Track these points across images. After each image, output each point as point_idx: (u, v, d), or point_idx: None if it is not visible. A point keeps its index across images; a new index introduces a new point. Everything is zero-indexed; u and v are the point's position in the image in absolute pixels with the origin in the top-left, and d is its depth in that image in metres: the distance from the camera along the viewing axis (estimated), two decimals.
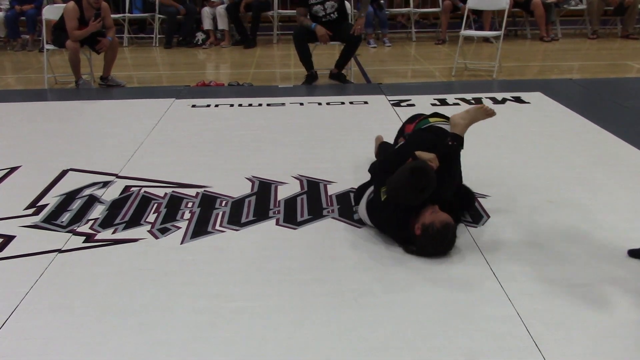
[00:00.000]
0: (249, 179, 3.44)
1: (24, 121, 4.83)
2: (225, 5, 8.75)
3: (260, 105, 5.19)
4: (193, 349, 1.99)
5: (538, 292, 2.26)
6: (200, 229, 2.85)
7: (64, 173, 3.61)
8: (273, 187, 3.32)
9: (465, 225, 2.80)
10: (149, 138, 4.28)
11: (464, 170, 2.88)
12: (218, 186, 3.34)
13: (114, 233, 2.82)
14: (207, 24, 8.96)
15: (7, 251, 2.67)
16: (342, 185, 3.30)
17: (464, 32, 6.64)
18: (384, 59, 8.10)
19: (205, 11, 8.90)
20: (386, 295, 2.27)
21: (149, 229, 2.85)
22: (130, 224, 2.91)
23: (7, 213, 3.06)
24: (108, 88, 6.19)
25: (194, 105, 5.22)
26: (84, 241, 2.75)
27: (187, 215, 2.99)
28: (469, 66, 6.92)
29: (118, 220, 2.95)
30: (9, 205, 3.15)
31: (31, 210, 3.09)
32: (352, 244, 2.67)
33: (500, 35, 6.41)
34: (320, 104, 5.20)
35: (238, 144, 4.11)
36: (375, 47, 8.69)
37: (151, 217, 2.97)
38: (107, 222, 2.93)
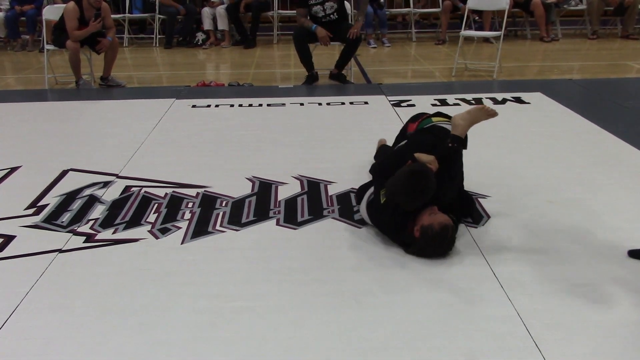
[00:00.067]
0: (249, 179, 3.44)
1: (24, 121, 4.83)
2: (225, 6, 8.75)
3: (261, 105, 5.19)
4: (193, 349, 1.99)
5: (538, 292, 2.26)
6: (200, 229, 2.85)
7: (64, 173, 3.61)
8: (273, 187, 3.32)
9: (466, 225, 2.80)
10: (149, 138, 4.28)
11: (465, 171, 2.88)
12: (218, 186, 3.34)
13: (114, 233, 2.82)
14: (207, 24, 8.96)
15: (7, 251, 2.68)
16: (343, 186, 3.30)
17: (464, 33, 6.64)
18: (384, 59, 8.10)
19: (205, 11, 8.91)
20: (386, 296, 2.27)
21: (150, 229, 2.85)
22: (130, 224, 2.91)
23: (7, 213, 3.06)
24: (108, 88, 6.19)
25: (194, 106, 5.22)
26: (84, 241, 2.75)
27: (188, 215, 3.00)
28: (469, 66, 6.92)
29: (118, 221, 2.95)
30: (9, 205, 3.15)
31: (31, 210, 3.09)
32: (353, 244, 2.67)
33: (500, 36, 6.41)
34: (320, 104, 5.20)
35: (238, 144, 4.11)
36: (375, 47, 8.70)
37: (151, 217, 2.97)
38: (108, 222, 2.93)
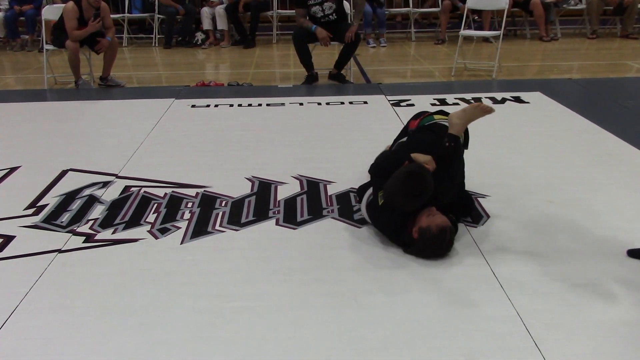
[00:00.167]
0: (249, 179, 3.44)
1: (24, 121, 4.83)
2: (225, 5, 8.75)
3: (260, 105, 5.19)
4: (193, 349, 1.99)
5: (538, 292, 2.26)
6: (200, 229, 2.85)
7: (64, 173, 3.61)
8: (273, 187, 3.32)
9: (466, 225, 2.80)
10: (149, 138, 4.27)
11: (465, 170, 2.88)
12: (218, 186, 3.34)
13: (114, 233, 2.82)
14: (207, 24, 8.96)
15: (7, 251, 2.68)
16: (342, 185, 3.30)
17: (464, 32, 6.64)
18: (384, 59, 8.10)
19: (204, 11, 8.90)
20: (386, 296, 2.27)
21: (149, 229, 2.85)
22: (130, 224, 2.91)
23: (7, 213, 3.06)
24: (108, 88, 6.19)
25: (194, 106, 5.22)
26: (84, 241, 2.75)
27: (187, 215, 2.99)
28: (469, 66, 6.92)
29: (118, 221, 2.95)
30: (9, 205, 3.15)
31: (31, 211, 3.09)
32: (352, 244, 2.67)
33: (499, 35, 6.42)
34: (320, 104, 5.20)
35: (238, 144, 4.11)
36: (374, 47, 8.69)
37: (151, 217, 2.97)
38: (107, 222, 2.93)
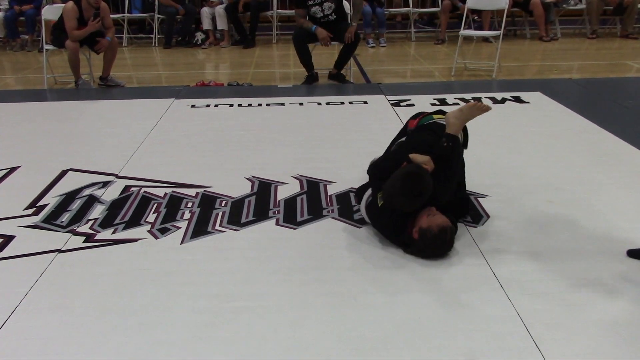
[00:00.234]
0: (249, 179, 3.44)
1: (24, 121, 4.83)
2: (225, 5, 8.75)
3: (260, 105, 5.19)
4: (193, 349, 1.99)
5: (538, 292, 2.26)
6: (200, 229, 2.85)
7: (64, 173, 3.60)
8: (273, 187, 3.32)
9: (466, 225, 2.80)
10: (149, 138, 4.27)
11: (465, 171, 2.88)
12: (218, 186, 3.34)
13: (113, 233, 2.82)
14: (207, 24, 8.96)
15: (7, 251, 2.67)
16: (342, 185, 3.30)
17: (464, 32, 6.65)
18: (383, 59, 8.10)
19: (204, 11, 8.90)
20: (386, 295, 2.27)
21: (149, 229, 2.85)
22: (130, 224, 2.91)
23: (7, 213, 3.06)
24: (107, 88, 6.19)
25: (194, 105, 5.22)
26: (84, 241, 2.75)
27: (187, 215, 2.99)
28: (469, 66, 6.93)
29: (118, 220, 2.95)
30: (9, 205, 3.15)
31: (31, 210, 3.09)
32: (352, 244, 2.67)
33: (499, 35, 6.42)
34: (319, 104, 5.20)
35: (238, 144, 4.11)
36: (373, 47, 8.69)
37: (151, 217, 2.97)
38: (107, 222, 2.93)
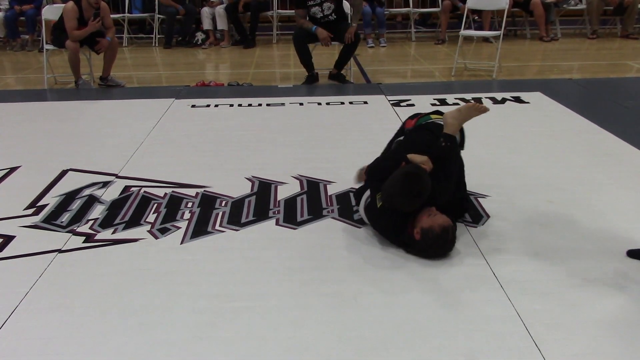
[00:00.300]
0: (249, 179, 3.43)
1: (24, 121, 4.83)
2: (225, 5, 8.75)
3: (260, 105, 5.19)
4: (193, 349, 1.99)
5: (538, 292, 2.26)
6: (200, 229, 2.85)
7: (64, 173, 3.60)
8: (273, 187, 3.32)
9: (465, 225, 2.80)
10: (149, 138, 4.27)
11: (465, 171, 2.87)
12: (218, 186, 3.34)
13: (113, 233, 2.82)
14: (207, 24, 8.96)
15: (7, 251, 2.67)
16: (342, 185, 3.29)
17: (464, 32, 6.64)
18: (384, 59, 8.10)
19: (204, 11, 8.91)
20: (386, 296, 2.27)
21: (149, 229, 2.85)
22: (130, 224, 2.91)
23: (7, 213, 3.06)
24: (108, 88, 6.19)
25: (194, 105, 5.22)
26: (84, 241, 2.75)
27: (187, 215, 2.99)
28: (469, 66, 6.92)
29: (118, 220, 2.95)
30: (9, 205, 3.15)
31: (31, 210, 3.09)
32: (352, 244, 2.67)
33: (499, 35, 6.42)
34: (320, 104, 5.20)
35: (238, 144, 4.10)
36: (372, 47, 8.69)
37: (151, 217, 2.97)
38: (107, 222, 2.93)
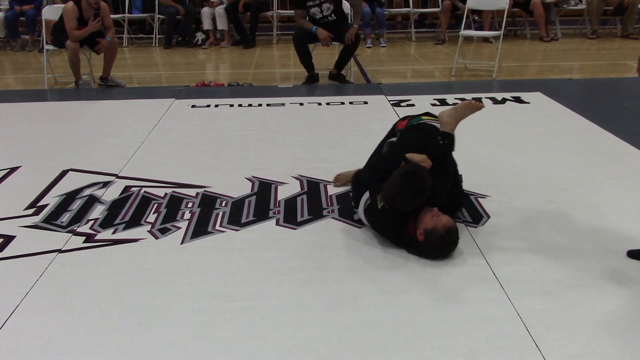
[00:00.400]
0: (249, 179, 3.43)
1: (24, 121, 4.83)
2: (225, 6, 8.75)
3: (260, 105, 5.19)
4: (193, 349, 1.99)
5: (538, 292, 2.26)
6: (200, 229, 2.85)
7: (64, 173, 3.60)
8: (273, 187, 3.32)
9: (465, 225, 2.80)
10: (149, 138, 4.27)
11: (465, 171, 2.88)
12: (218, 186, 3.34)
13: (114, 233, 2.82)
14: (207, 24, 8.96)
15: (7, 251, 2.67)
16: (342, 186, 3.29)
17: (464, 32, 6.65)
18: (384, 59, 8.10)
19: (204, 11, 8.91)
20: (386, 296, 2.27)
21: (149, 229, 2.85)
22: (130, 224, 2.91)
23: (7, 213, 3.06)
24: (108, 88, 6.19)
25: (194, 106, 5.22)
26: (84, 241, 2.75)
27: (187, 215, 2.99)
28: (469, 66, 6.92)
29: (118, 221, 2.95)
30: (9, 205, 3.15)
31: (31, 211, 3.09)
32: (352, 244, 2.67)
33: (499, 35, 6.42)
34: (320, 104, 5.20)
35: (238, 144, 4.10)
36: (370, 47, 8.68)
37: (151, 217, 2.97)
38: (107, 222, 2.93)
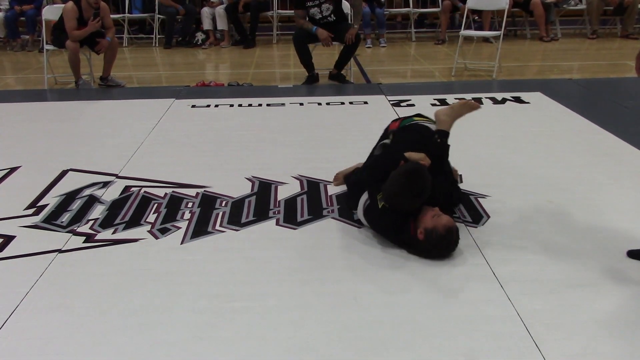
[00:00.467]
0: (249, 179, 3.43)
1: (24, 121, 4.83)
2: (225, 6, 8.75)
3: (260, 105, 5.19)
4: (193, 349, 1.99)
5: (538, 292, 2.26)
6: (200, 229, 2.84)
7: (64, 173, 3.60)
8: (273, 187, 3.32)
9: (465, 225, 2.80)
10: (149, 138, 4.27)
11: (465, 171, 2.88)
12: (218, 186, 3.34)
13: (114, 233, 2.82)
14: (207, 24, 8.96)
15: (7, 251, 2.67)
16: (342, 186, 3.28)
17: (464, 32, 6.65)
18: (384, 59, 8.10)
19: (204, 11, 8.91)
20: (386, 296, 2.27)
21: (149, 229, 2.85)
22: (130, 224, 2.91)
23: (7, 213, 3.05)
24: (108, 88, 6.19)
25: (194, 106, 5.22)
26: (84, 241, 2.75)
27: (187, 215, 2.99)
28: (469, 66, 6.92)
29: (118, 221, 2.95)
30: (9, 205, 3.15)
31: (31, 211, 3.09)
32: (352, 244, 2.67)
33: (499, 35, 6.42)
34: (320, 104, 5.20)
35: (238, 144, 4.10)
36: (370, 47, 8.68)
37: (151, 217, 2.97)
38: (107, 222, 2.93)
